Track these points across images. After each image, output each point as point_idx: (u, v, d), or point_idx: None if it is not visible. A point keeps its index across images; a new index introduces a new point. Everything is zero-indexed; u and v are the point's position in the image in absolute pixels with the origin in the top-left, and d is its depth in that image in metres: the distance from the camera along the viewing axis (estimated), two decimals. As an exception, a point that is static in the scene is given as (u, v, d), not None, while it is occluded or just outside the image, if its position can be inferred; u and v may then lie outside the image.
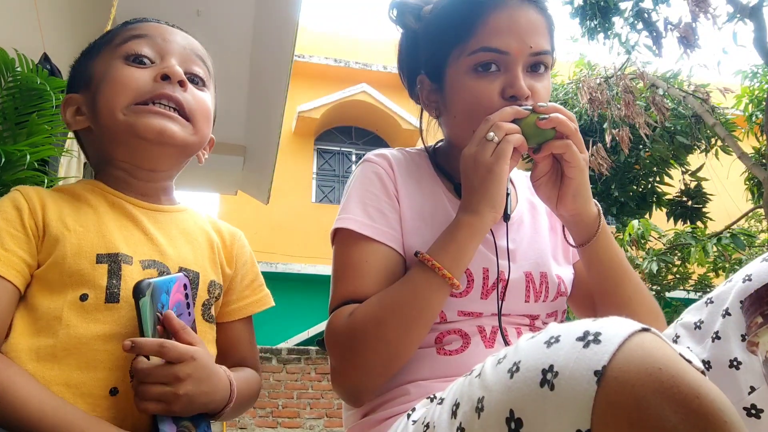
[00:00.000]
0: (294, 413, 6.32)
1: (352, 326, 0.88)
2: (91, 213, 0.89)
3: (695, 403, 0.46)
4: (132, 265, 0.86)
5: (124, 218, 0.91)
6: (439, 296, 0.89)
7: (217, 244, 0.99)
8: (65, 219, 0.86)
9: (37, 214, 0.85)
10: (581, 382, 0.49)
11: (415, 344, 0.89)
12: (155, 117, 0.89)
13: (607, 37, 5.87)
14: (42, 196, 0.88)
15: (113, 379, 0.80)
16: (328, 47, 10.85)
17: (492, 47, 0.95)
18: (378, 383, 0.91)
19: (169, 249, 0.91)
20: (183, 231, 0.96)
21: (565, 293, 1.05)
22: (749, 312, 0.57)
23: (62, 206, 0.88)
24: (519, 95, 0.95)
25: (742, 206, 7.45)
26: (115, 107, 0.89)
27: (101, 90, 0.91)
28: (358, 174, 1.04)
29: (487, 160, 0.90)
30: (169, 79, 0.90)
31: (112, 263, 0.84)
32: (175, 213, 0.97)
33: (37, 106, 1.63)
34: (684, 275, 6.41)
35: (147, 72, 0.91)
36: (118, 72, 0.91)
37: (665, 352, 0.49)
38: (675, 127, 6.60)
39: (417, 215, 1.00)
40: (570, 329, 0.54)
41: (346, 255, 0.96)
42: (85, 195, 0.92)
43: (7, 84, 1.63)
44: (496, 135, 0.90)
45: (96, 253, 0.84)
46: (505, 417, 0.54)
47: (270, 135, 4.09)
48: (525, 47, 0.95)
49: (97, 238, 0.86)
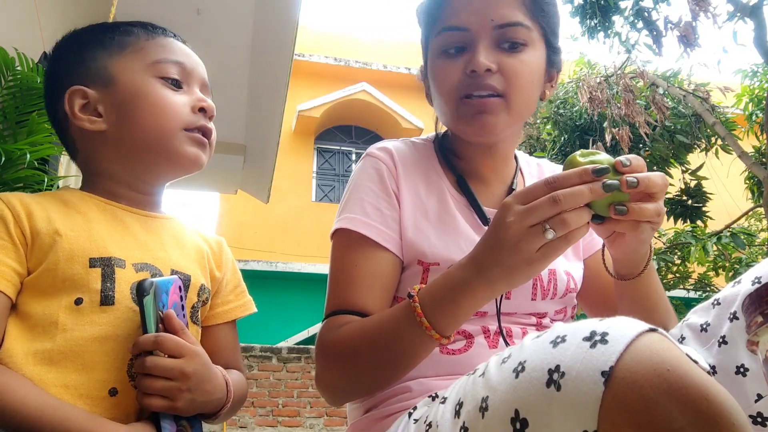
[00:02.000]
0: (294, 412, 6.31)
1: (334, 344, 0.89)
2: (80, 218, 0.88)
3: (703, 404, 0.46)
4: (125, 269, 0.86)
5: (115, 222, 0.91)
6: (423, 348, 0.83)
7: (206, 251, 1.00)
8: (55, 224, 0.85)
9: (23, 223, 0.84)
10: (588, 382, 0.48)
11: (388, 382, 0.88)
12: (197, 146, 0.95)
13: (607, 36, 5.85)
14: (26, 203, 0.86)
15: (112, 379, 0.80)
16: (328, 46, 10.85)
17: (452, 26, 0.96)
18: (355, 397, 0.93)
19: (161, 252, 0.92)
20: (173, 236, 0.97)
21: (574, 290, 1.03)
22: (749, 311, 0.57)
23: (50, 211, 0.87)
24: (477, 69, 0.92)
25: (742, 205, 7.44)
26: (167, 129, 0.92)
27: (141, 106, 0.91)
28: (359, 169, 1.03)
29: (532, 255, 0.73)
30: (204, 112, 0.96)
31: (105, 267, 0.84)
32: (164, 220, 0.98)
33: (38, 105, 1.63)
34: (684, 274, 6.41)
35: (184, 98, 0.95)
36: (162, 93, 0.93)
37: (673, 353, 0.49)
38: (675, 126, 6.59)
39: (420, 212, 0.98)
40: (576, 329, 0.53)
41: (340, 258, 0.96)
42: (72, 201, 0.91)
43: (7, 83, 1.62)
44: (556, 232, 0.71)
45: (89, 257, 0.84)
46: (510, 417, 0.54)
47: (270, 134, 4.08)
48: (485, 21, 0.93)
49: (89, 242, 0.85)
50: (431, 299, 0.81)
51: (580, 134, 6.62)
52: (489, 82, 0.93)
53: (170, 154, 0.93)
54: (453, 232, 0.97)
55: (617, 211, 0.73)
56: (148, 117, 0.91)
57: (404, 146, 1.05)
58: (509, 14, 0.94)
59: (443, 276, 0.82)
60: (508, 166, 1.07)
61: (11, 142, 1.59)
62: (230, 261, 1.04)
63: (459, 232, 0.97)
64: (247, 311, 1.04)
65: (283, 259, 8.97)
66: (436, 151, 1.07)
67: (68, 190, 0.95)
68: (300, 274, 8.82)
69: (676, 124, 6.59)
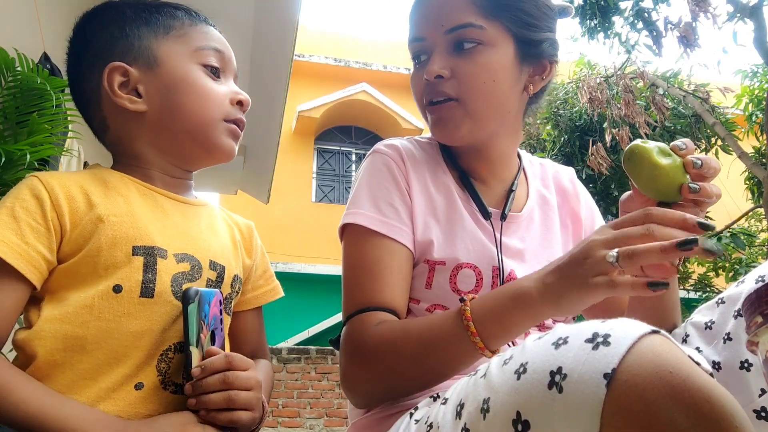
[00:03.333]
0: (294, 413, 6.31)
1: (371, 342, 0.85)
2: (122, 202, 0.86)
3: (706, 407, 0.45)
4: (167, 259, 0.84)
5: (157, 209, 0.89)
6: (466, 357, 0.80)
7: (238, 239, 0.99)
8: (97, 209, 0.83)
9: (61, 207, 0.81)
10: (590, 384, 0.48)
11: (424, 387, 0.85)
12: (231, 138, 0.94)
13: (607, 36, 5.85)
14: (66, 185, 0.83)
15: (140, 374, 0.79)
16: (328, 47, 10.84)
17: (413, 37, 1.00)
18: (385, 399, 0.89)
19: (200, 241, 0.90)
20: (209, 225, 0.95)
21: None
22: (749, 311, 0.57)
23: (91, 193, 0.84)
24: (428, 77, 0.95)
25: (742, 205, 7.44)
26: (209, 119, 0.91)
27: (186, 92, 0.90)
28: (368, 165, 1.01)
29: (589, 280, 0.69)
30: (242, 105, 0.95)
31: (148, 256, 0.82)
32: (199, 207, 0.96)
33: (38, 106, 1.63)
34: (684, 274, 6.41)
35: (224, 89, 0.94)
36: (207, 83, 0.92)
37: (675, 355, 0.48)
38: (675, 127, 6.59)
39: (429, 211, 0.98)
40: (578, 330, 0.53)
41: (359, 254, 0.93)
42: (113, 182, 0.88)
43: (7, 83, 1.62)
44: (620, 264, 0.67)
45: (132, 245, 0.82)
46: (512, 419, 0.54)
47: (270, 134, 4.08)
48: (437, 28, 0.95)
49: (132, 229, 0.83)
50: (483, 305, 0.79)
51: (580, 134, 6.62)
52: (442, 88, 0.95)
53: (208, 143, 0.92)
54: (460, 230, 0.97)
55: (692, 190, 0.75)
56: (192, 104, 0.90)
57: (410, 144, 1.05)
58: (458, 17, 0.94)
59: (503, 286, 0.81)
60: (507, 167, 1.07)
61: (11, 142, 1.59)
62: (259, 246, 1.03)
63: (465, 230, 0.97)
64: (276, 296, 1.02)
65: (283, 260, 8.96)
66: (439, 149, 1.07)
67: (106, 170, 0.92)
68: (300, 274, 8.82)
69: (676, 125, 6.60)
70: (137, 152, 0.92)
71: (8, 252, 0.76)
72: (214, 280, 0.89)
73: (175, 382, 0.82)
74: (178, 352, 0.82)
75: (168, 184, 0.93)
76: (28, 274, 0.77)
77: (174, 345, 0.82)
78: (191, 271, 0.86)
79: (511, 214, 1.02)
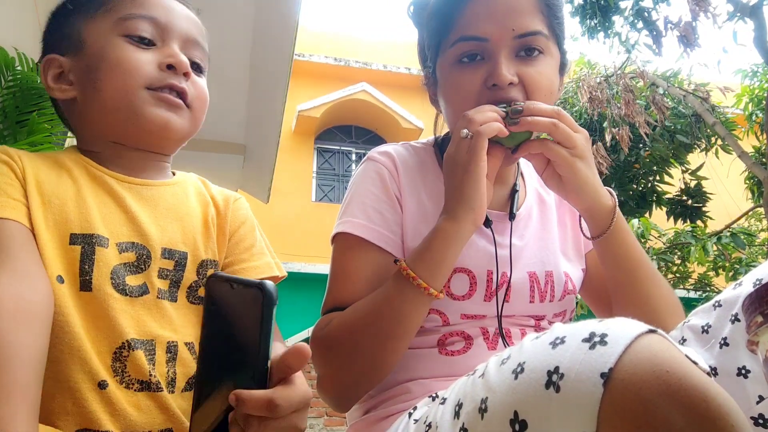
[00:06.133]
0: (294, 412, 6.31)
1: (329, 335, 0.88)
2: (70, 184, 0.82)
3: (702, 406, 0.46)
4: (107, 248, 0.79)
5: (105, 194, 0.84)
6: (415, 307, 0.84)
7: (212, 215, 0.92)
8: (42, 186, 0.80)
9: (20, 174, 0.79)
10: (587, 384, 0.48)
11: (393, 355, 0.86)
12: (162, 107, 0.87)
13: (607, 36, 5.85)
14: (20, 156, 0.82)
15: (100, 372, 0.74)
16: (328, 46, 10.84)
17: (470, 36, 0.92)
18: (359, 392, 0.90)
19: (152, 228, 0.84)
20: (171, 206, 0.89)
21: (573, 292, 1.02)
22: (749, 311, 0.57)
23: (40, 171, 0.82)
24: (500, 83, 0.90)
25: (742, 205, 7.44)
26: (125, 91, 0.85)
27: (103, 68, 0.86)
28: (361, 173, 1.02)
29: (463, 158, 0.85)
30: (174, 69, 0.88)
31: (86, 245, 0.78)
32: (163, 187, 0.90)
33: (38, 105, 1.63)
34: (684, 274, 6.40)
35: (151, 55, 0.87)
36: (124, 53, 0.86)
37: (672, 354, 0.48)
38: (675, 126, 6.59)
39: (420, 217, 0.98)
40: (575, 330, 0.53)
41: (340, 260, 0.95)
42: (66, 163, 0.85)
43: (7, 83, 1.63)
44: (469, 130, 0.85)
45: (70, 232, 0.78)
46: (509, 418, 0.54)
47: (270, 134, 4.08)
48: (506, 31, 0.91)
49: (74, 213, 0.79)
50: (413, 254, 0.86)
51: (580, 134, 6.60)
52: (511, 94, 0.91)
53: (132, 116, 0.85)
54: None
55: (513, 110, 0.86)
56: (107, 79, 0.85)
57: (405, 150, 1.04)
58: (529, 23, 0.91)
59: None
60: (511, 169, 1.07)
61: (11, 142, 1.59)
62: (240, 217, 0.95)
63: None
64: (267, 273, 0.92)
65: (283, 259, 8.86)
66: (436, 154, 1.06)
67: (66, 152, 0.89)
68: (300, 274, 8.81)
69: (676, 124, 6.60)
70: (85, 138, 0.91)
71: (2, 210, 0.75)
72: (171, 270, 0.84)
73: (139, 379, 0.76)
74: (131, 350, 0.76)
75: (124, 166, 0.88)
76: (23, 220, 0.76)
77: (127, 342, 0.76)
78: (137, 262, 0.81)
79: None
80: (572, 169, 0.89)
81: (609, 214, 0.93)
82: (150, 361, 0.78)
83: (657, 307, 0.94)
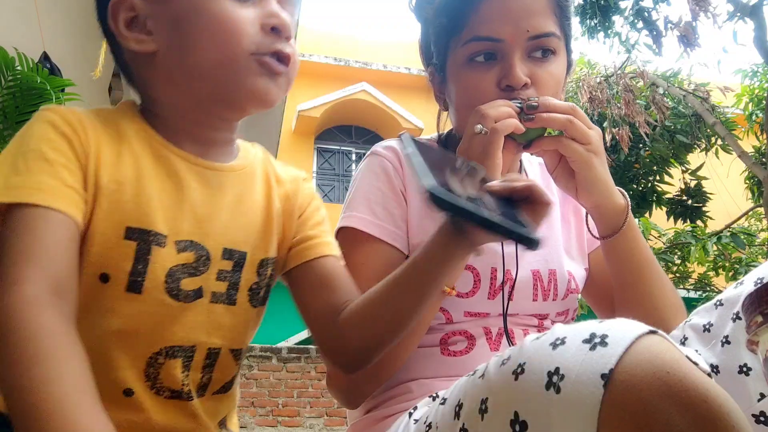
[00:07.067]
0: (294, 412, 6.31)
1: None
2: (130, 165, 0.71)
3: (703, 407, 0.45)
4: (165, 247, 0.70)
5: (168, 180, 0.73)
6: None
7: (276, 206, 0.83)
8: (101, 169, 0.69)
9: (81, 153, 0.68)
10: (588, 385, 0.48)
11: (404, 351, 0.87)
12: (265, 76, 0.74)
13: (607, 35, 5.85)
14: (85, 128, 0.69)
15: (128, 379, 0.69)
16: (328, 46, 10.84)
17: (483, 36, 0.92)
18: (369, 388, 0.90)
19: (216, 225, 0.75)
20: (237, 198, 0.79)
21: (576, 291, 1.02)
22: (749, 311, 0.57)
23: (102, 148, 0.70)
24: (514, 85, 0.90)
25: (742, 205, 7.44)
26: (228, 56, 0.72)
27: (199, 24, 0.72)
28: (365, 167, 1.01)
29: (477, 155, 0.84)
30: (278, 32, 0.75)
31: (142, 242, 0.69)
32: (231, 174, 0.79)
33: (38, 105, 1.63)
34: (684, 274, 6.41)
35: (252, 12, 0.73)
36: (224, 8, 0.72)
37: (672, 355, 0.48)
38: (675, 126, 6.59)
39: (425, 212, 0.97)
40: (576, 331, 0.53)
41: (348, 256, 0.93)
42: (128, 134, 0.73)
43: (7, 83, 1.63)
44: (483, 126, 0.84)
45: (126, 225, 0.68)
46: (510, 419, 0.54)
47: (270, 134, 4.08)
48: (520, 32, 0.90)
49: (132, 203, 0.69)
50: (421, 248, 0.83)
51: (580, 134, 6.61)
52: (522, 96, 0.91)
53: (232, 86, 0.74)
54: None
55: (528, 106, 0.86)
56: (206, 38, 0.72)
57: None
58: (544, 25, 0.91)
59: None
60: (513, 166, 1.06)
61: (11, 142, 1.59)
62: (310, 197, 0.88)
63: None
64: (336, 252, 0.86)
65: (283, 259, 8.96)
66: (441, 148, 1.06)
67: (127, 115, 0.76)
68: (300, 273, 8.83)
69: (676, 124, 6.60)
70: (157, 99, 0.77)
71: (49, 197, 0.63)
72: (229, 271, 0.76)
73: (171, 388, 0.72)
74: (168, 357, 0.71)
75: (194, 139, 0.77)
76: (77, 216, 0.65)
77: (165, 349, 0.71)
78: (195, 263, 0.73)
79: None
80: (587, 165, 0.89)
81: (621, 213, 0.93)
82: (185, 367, 0.73)
83: (661, 306, 0.95)
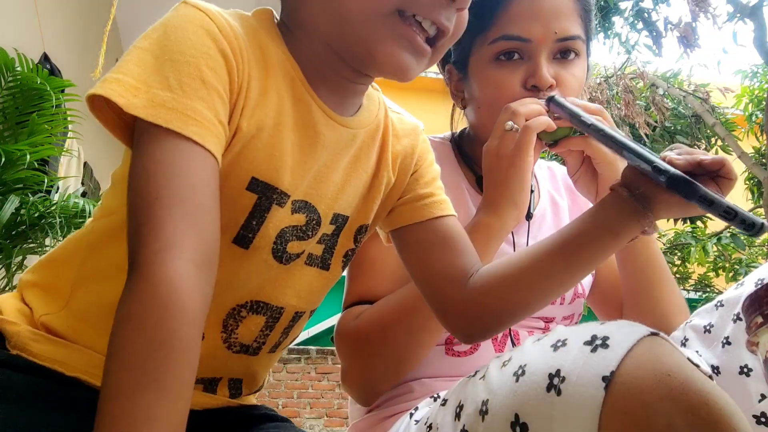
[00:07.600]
0: (294, 413, 6.31)
1: (358, 329, 0.88)
2: (273, 106, 0.63)
3: (704, 410, 0.45)
4: (283, 208, 0.65)
5: (305, 132, 0.66)
6: None
7: (387, 171, 0.77)
8: (246, 107, 0.61)
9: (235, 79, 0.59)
10: (589, 387, 0.48)
11: (423, 349, 0.87)
12: (405, 49, 0.63)
13: (607, 36, 5.86)
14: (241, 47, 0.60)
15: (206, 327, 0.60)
16: (328, 46, 10.85)
17: (513, 35, 0.92)
18: (386, 385, 0.90)
19: (329, 187, 0.70)
20: (354, 157, 0.72)
21: (582, 295, 1.03)
22: (749, 312, 0.57)
23: (252, 76, 0.61)
24: (540, 85, 0.91)
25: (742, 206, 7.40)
26: (366, 11, 0.61)
27: None
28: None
29: (509, 152, 0.84)
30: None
31: (263, 198, 0.63)
32: (358, 132, 0.72)
33: (38, 106, 1.64)
34: (684, 275, 6.41)
35: None
36: None
37: (674, 358, 0.48)
38: (675, 127, 6.60)
39: None
40: (577, 333, 0.53)
41: (364, 252, 0.94)
42: (274, 65, 0.64)
43: (7, 84, 1.63)
44: (515, 124, 0.84)
45: (252, 175, 0.62)
46: (510, 421, 0.54)
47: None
48: (549, 33, 0.91)
49: (264, 153, 0.62)
50: None
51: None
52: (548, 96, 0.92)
53: (364, 48, 0.63)
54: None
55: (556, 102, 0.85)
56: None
57: None
58: (571, 27, 0.92)
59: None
60: None
61: (11, 142, 1.59)
62: (425, 150, 0.84)
63: None
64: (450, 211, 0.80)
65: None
66: (453, 150, 1.06)
67: (271, 36, 0.66)
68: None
69: (676, 125, 6.60)
70: (302, 23, 0.67)
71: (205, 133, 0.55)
72: (329, 235, 0.72)
73: (242, 343, 0.68)
74: (251, 312, 0.67)
75: (332, 88, 0.68)
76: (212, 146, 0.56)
77: (251, 302, 0.67)
78: (305, 227, 0.68)
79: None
80: (613, 167, 0.89)
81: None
82: (268, 327, 0.70)
83: (668, 310, 0.95)
